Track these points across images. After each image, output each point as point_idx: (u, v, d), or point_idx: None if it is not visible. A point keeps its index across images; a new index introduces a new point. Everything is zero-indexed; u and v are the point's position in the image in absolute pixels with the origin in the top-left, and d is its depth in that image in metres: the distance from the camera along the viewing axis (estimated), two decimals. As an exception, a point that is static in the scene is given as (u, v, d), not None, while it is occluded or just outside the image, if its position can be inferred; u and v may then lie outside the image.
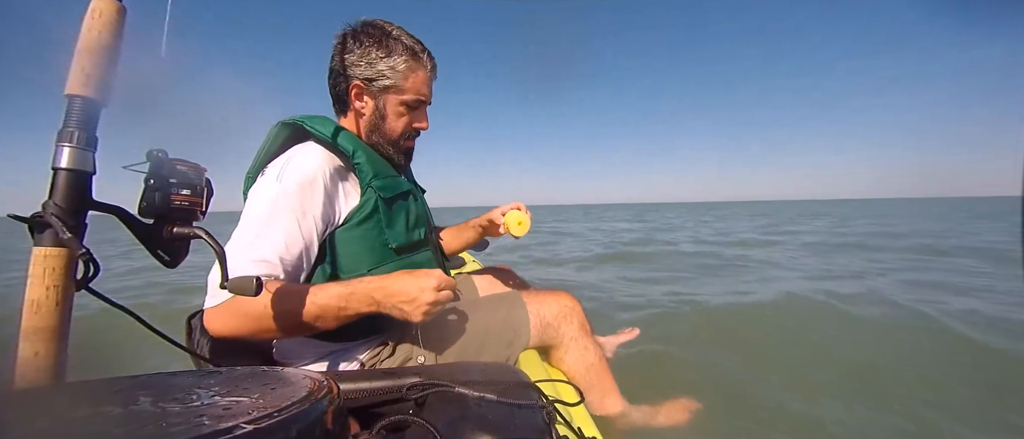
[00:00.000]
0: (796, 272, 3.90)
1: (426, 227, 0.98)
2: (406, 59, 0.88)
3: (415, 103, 0.91)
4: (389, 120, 0.91)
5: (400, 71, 0.88)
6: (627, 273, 4.18)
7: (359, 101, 0.91)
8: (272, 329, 0.72)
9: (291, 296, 0.72)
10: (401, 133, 0.93)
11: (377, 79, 0.88)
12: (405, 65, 0.88)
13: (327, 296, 0.73)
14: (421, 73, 0.90)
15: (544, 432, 0.58)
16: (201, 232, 0.59)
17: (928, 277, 3.48)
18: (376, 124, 0.91)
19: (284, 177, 0.78)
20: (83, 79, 0.48)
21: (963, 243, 5.80)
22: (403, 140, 0.94)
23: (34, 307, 0.45)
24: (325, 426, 0.36)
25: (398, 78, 0.88)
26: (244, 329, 0.72)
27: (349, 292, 0.74)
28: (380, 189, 0.86)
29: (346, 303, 0.74)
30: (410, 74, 0.89)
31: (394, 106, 0.90)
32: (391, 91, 0.89)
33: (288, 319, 0.71)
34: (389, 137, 0.92)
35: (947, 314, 2.31)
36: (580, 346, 1.03)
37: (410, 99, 0.90)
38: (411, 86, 0.90)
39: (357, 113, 0.92)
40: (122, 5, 0.51)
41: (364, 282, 0.76)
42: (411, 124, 0.94)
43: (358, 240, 0.85)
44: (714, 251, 5.72)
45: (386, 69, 0.87)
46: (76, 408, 0.34)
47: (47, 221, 0.46)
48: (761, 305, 2.69)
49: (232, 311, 0.71)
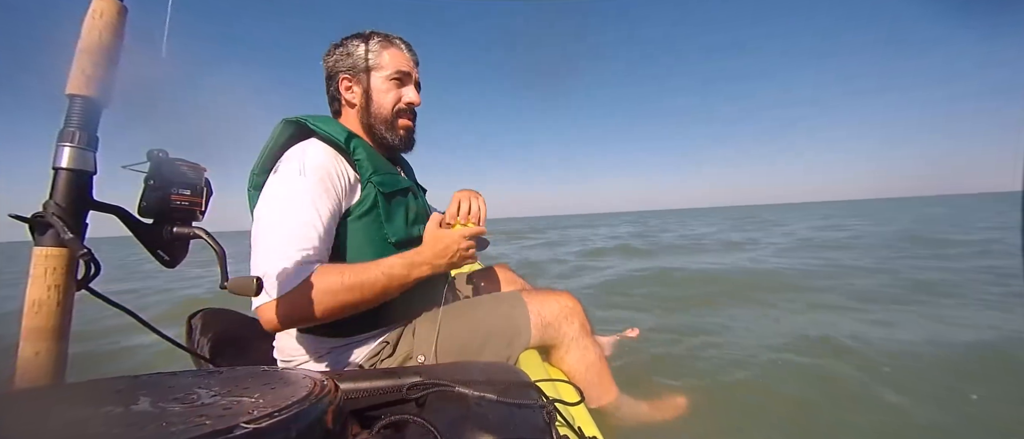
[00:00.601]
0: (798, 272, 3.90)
1: (425, 224, 0.98)
2: (379, 41, 0.97)
3: (397, 75, 0.97)
4: (377, 96, 0.97)
5: (375, 51, 0.96)
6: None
7: (349, 92, 0.98)
8: (344, 304, 0.77)
9: (358, 271, 0.78)
10: (392, 107, 0.98)
11: (358, 64, 0.96)
12: (379, 45, 0.96)
13: (390, 266, 0.81)
14: (396, 51, 0.98)
15: (544, 432, 0.58)
16: (201, 232, 0.59)
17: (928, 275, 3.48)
18: (367, 106, 0.97)
19: (307, 171, 0.82)
20: (84, 79, 0.48)
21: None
22: (397, 118, 0.99)
23: (35, 307, 0.45)
24: (325, 426, 0.36)
25: (376, 58, 0.96)
26: (314, 312, 0.75)
27: (409, 262, 0.83)
28: (379, 184, 0.89)
29: (408, 271, 0.83)
30: (384, 51, 0.96)
31: (379, 83, 0.96)
32: (373, 71, 0.96)
33: (362, 291, 0.78)
34: (382, 114, 0.97)
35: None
36: (581, 346, 1.03)
37: (391, 72, 0.96)
38: (390, 62, 0.96)
39: (349, 104, 0.98)
40: (123, 5, 0.51)
41: (414, 252, 0.85)
42: (400, 98, 0.98)
43: (359, 233, 0.88)
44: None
45: (363, 54, 0.96)
46: (76, 408, 0.34)
47: (48, 221, 0.46)
48: (760, 304, 2.69)
49: (300, 298, 0.74)
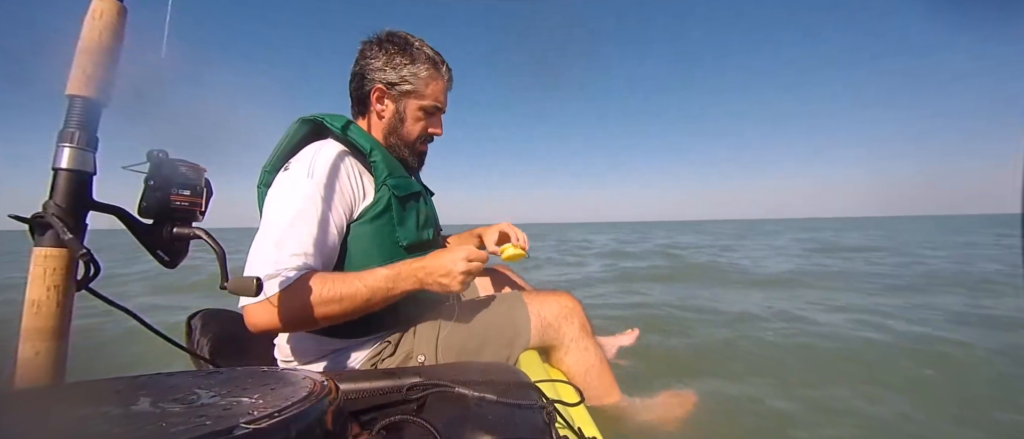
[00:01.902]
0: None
1: (434, 228, 1.01)
2: (427, 67, 0.93)
3: (432, 109, 0.96)
4: (408, 123, 0.95)
5: (421, 78, 0.93)
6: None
7: (380, 104, 0.95)
8: (325, 316, 0.75)
9: (342, 282, 0.76)
10: (418, 136, 0.97)
11: (399, 84, 0.92)
12: (426, 73, 0.93)
13: (375, 279, 0.78)
14: (440, 82, 0.95)
15: (544, 432, 0.57)
16: (201, 232, 0.59)
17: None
18: (395, 126, 0.96)
19: (316, 173, 0.81)
20: (84, 79, 0.48)
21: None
22: (418, 144, 0.99)
23: (35, 307, 0.45)
24: (325, 426, 0.36)
25: (419, 84, 0.93)
26: (296, 319, 0.74)
27: (395, 274, 0.80)
28: (394, 187, 0.88)
29: (394, 284, 0.80)
30: (430, 81, 0.94)
31: (413, 110, 0.95)
32: (412, 96, 0.94)
33: (342, 303, 0.75)
34: (406, 140, 0.97)
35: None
36: (580, 346, 1.03)
37: (428, 105, 0.95)
38: (430, 93, 0.94)
39: (377, 115, 0.96)
40: (123, 6, 0.51)
41: (405, 264, 0.82)
42: (427, 129, 0.98)
43: (370, 236, 0.87)
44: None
45: (409, 75, 0.92)
46: (76, 408, 0.34)
47: (47, 221, 0.46)
48: (761, 304, 2.68)
49: (284, 303, 0.72)
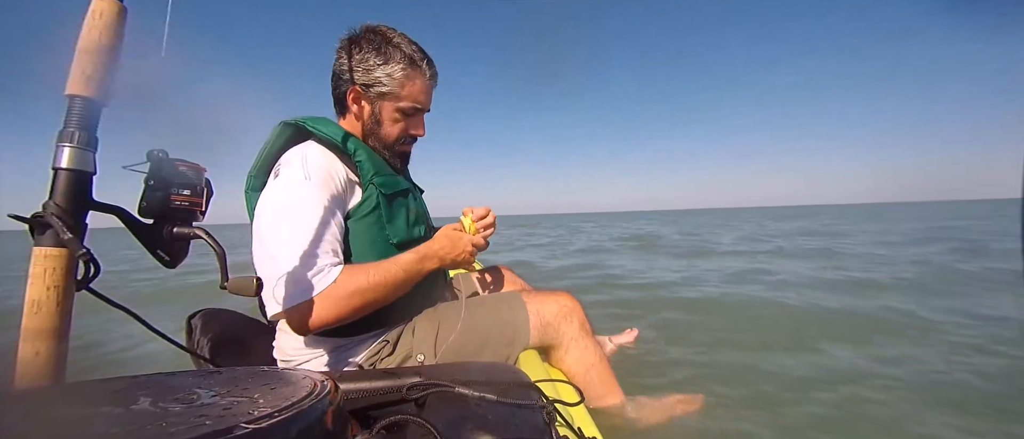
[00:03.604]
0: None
1: (425, 225, 1.00)
2: (403, 67, 0.89)
3: (411, 110, 0.93)
4: (385, 126, 0.93)
5: (396, 79, 0.89)
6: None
7: (356, 105, 0.93)
8: (373, 301, 0.80)
9: (380, 269, 0.81)
10: (396, 138, 0.95)
11: (374, 85, 0.89)
12: (402, 73, 0.89)
13: (406, 261, 0.85)
14: (418, 81, 0.91)
15: (544, 432, 0.57)
16: (201, 232, 0.59)
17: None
18: (372, 129, 0.94)
19: (312, 175, 0.81)
20: (83, 79, 0.48)
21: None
22: (398, 145, 0.96)
23: (34, 307, 0.45)
24: (325, 426, 0.36)
25: (394, 85, 0.89)
26: (348, 309, 0.77)
27: (421, 256, 0.87)
28: (381, 185, 0.88)
29: (422, 265, 0.87)
30: (407, 82, 0.90)
31: (389, 112, 0.92)
32: (387, 98, 0.91)
33: (386, 288, 0.81)
34: (384, 142, 0.95)
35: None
36: (580, 346, 1.03)
37: (406, 106, 0.92)
38: (407, 94, 0.91)
39: (355, 116, 0.94)
40: (123, 6, 0.51)
41: (425, 245, 0.89)
42: (407, 130, 0.95)
43: (361, 234, 0.87)
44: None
45: (383, 76, 0.89)
46: (76, 408, 0.34)
47: (47, 221, 0.46)
48: (760, 302, 2.68)
49: (339, 295, 0.75)
